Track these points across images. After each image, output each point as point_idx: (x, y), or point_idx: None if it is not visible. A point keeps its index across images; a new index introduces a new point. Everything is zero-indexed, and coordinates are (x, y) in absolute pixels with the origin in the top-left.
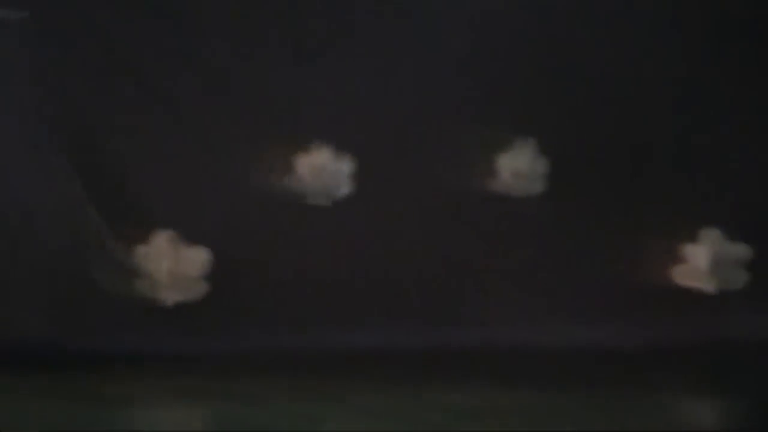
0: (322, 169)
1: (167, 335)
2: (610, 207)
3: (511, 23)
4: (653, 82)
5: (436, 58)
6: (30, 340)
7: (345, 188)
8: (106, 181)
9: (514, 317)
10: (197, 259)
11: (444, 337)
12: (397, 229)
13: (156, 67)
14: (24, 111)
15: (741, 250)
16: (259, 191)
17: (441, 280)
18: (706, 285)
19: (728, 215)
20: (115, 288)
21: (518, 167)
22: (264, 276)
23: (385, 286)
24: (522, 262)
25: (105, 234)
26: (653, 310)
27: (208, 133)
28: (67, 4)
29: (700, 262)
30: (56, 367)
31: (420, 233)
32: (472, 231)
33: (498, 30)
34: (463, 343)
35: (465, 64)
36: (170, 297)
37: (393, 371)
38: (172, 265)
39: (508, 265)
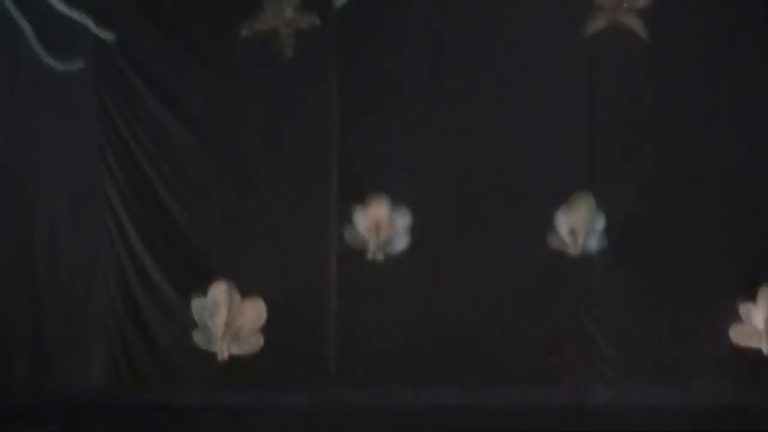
0: (380, 223)
1: (223, 387)
2: (667, 266)
3: (567, 82)
4: (712, 140)
5: (493, 115)
6: (88, 392)
7: (402, 242)
8: (164, 232)
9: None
10: (254, 311)
11: (491, 395)
12: (453, 284)
13: (212, 121)
14: (90, 173)
15: None
16: (316, 244)
17: (496, 336)
18: (764, 345)
19: None
20: (172, 340)
21: (575, 223)
22: (320, 329)
23: (444, 342)
24: (577, 320)
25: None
26: (713, 369)
27: (265, 186)
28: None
29: (758, 321)
30: (114, 419)
31: (477, 289)
32: (529, 287)
33: (555, 89)
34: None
35: (523, 120)
36: (226, 349)
37: (453, 430)
38: (229, 317)
39: (564, 323)
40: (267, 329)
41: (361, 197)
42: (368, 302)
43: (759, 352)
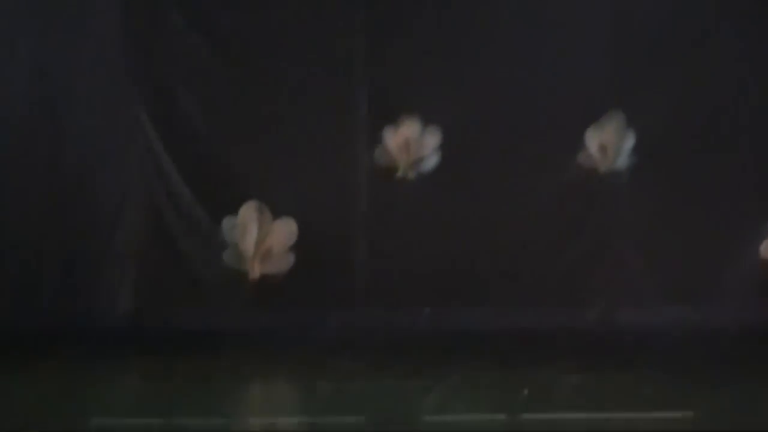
0: (410, 142)
1: (253, 307)
2: (697, 183)
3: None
4: (746, 59)
5: (524, 34)
6: (118, 315)
7: (432, 161)
8: (194, 152)
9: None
10: (285, 230)
11: (521, 317)
12: (484, 202)
13: (241, 40)
14: (120, 96)
15: None
16: (347, 164)
17: (526, 256)
18: None
19: None
20: (202, 260)
21: (606, 141)
22: (350, 248)
23: (473, 263)
24: (608, 239)
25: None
26: (745, 287)
27: (296, 108)
28: None
29: None
30: (142, 343)
31: (507, 208)
32: (559, 204)
33: (583, 9)
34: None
35: (554, 40)
36: (257, 268)
37: (482, 352)
38: (259, 236)
39: (594, 242)
40: (297, 248)
41: (391, 117)
42: (398, 220)
43: None
